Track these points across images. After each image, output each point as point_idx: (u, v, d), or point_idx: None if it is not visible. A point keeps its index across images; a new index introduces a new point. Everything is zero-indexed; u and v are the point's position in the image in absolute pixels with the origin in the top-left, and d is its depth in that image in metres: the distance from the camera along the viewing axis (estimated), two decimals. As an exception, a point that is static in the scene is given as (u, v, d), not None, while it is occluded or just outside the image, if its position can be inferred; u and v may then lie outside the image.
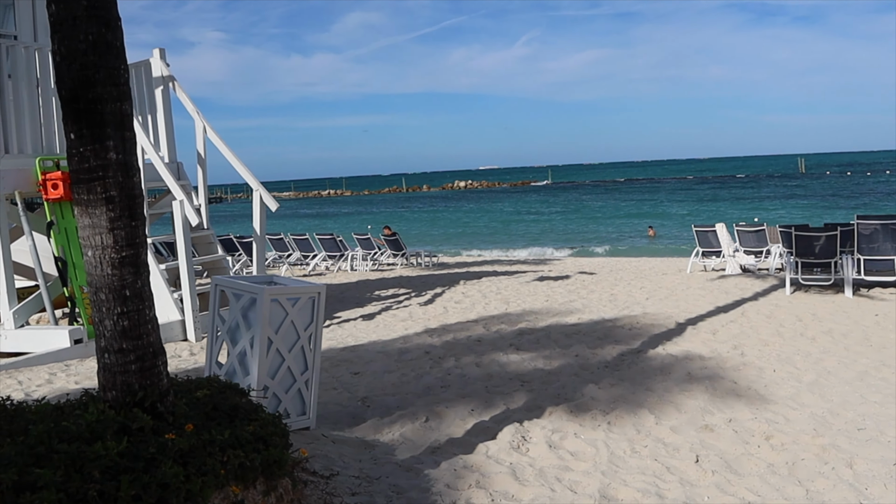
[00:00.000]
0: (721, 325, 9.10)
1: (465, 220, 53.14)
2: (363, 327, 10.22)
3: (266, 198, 9.93)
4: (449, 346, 8.54)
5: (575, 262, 20.99)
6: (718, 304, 10.58)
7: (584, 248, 29.97)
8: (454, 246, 34.19)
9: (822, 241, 11.23)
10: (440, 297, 12.73)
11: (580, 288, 13.15)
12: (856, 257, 11.09)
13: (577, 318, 10.02)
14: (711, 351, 7.84)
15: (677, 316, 9.80)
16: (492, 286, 13.85)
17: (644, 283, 13.67)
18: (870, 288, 11.32)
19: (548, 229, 41.11)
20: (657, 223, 40.02)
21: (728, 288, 12.32)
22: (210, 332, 5.48)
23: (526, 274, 16.23)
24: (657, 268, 17.47)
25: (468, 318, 10.37)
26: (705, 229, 15.66)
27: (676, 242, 30.62)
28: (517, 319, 10.04)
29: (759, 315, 9.71)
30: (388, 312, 11.32)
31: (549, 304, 11.41)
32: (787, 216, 40.01)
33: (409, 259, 21.63)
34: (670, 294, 11.91)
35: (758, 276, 13.93)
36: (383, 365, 7.69)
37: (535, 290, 13.11)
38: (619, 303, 11.24)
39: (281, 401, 5.26)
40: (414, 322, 10.39)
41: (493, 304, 11.64)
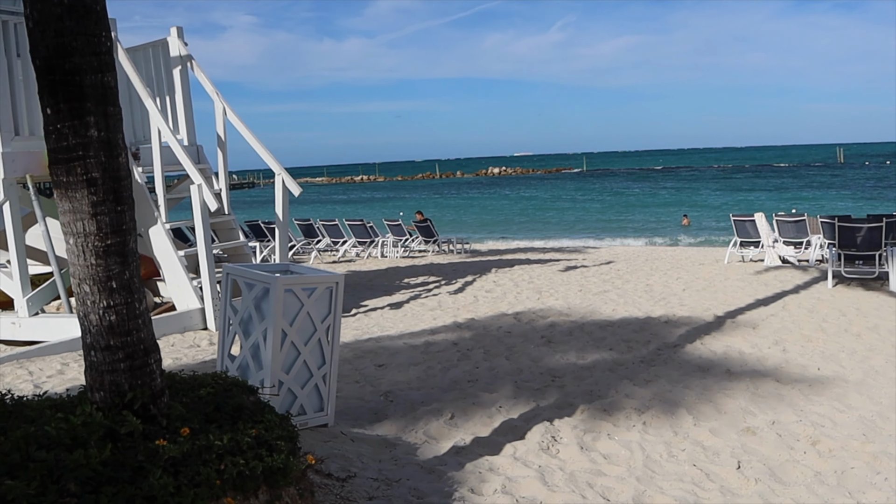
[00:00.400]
0: (761, 319, 8.62)
1: (498, 207, 52.63)
2: (390, 316, 9.91)
3: (289, 182, 9.62)
4: (478, 337, 8.19)
5: (609, 251, 20.48)
6: (758, 297, 10.09)
7: (618, 237, 29.38)
8: (487, 233, 33.77)
9: (867, 232, 10.66)
10: (470, 285, 12.38)
11: (615, 278, 12.71)
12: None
13: (611, 309, 9.60)
14: (752, 346, 7.39)
15: (715, 308, 9.33)
16: (524, 275, 13.45)
17: (680, 273, 13.17)
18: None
19: (581, 217, 40.49)
20: (692, 212, 39.17)
21: (768, 280, 11.79)
22: (222, 324, 5.19)
23: (559, 262, 15.79)
24: (693, 258, 16.92)
25: (499, 309, 10.00)
26: (744, 219, 15.08)
27: (711, 232, 29.90)
28: (549, 310, 9.66)
29: (801, 309, 9.21)
30: (417, 301, 11.00)
31: (583, 294, 11.00)
32: (826, 206, 38.87)
33: (440, 246, 21.30)
34: (708, 285, 11.42)
35: (798, 267, 13.35)
36: (409, 357, 7.37)
37: (568, 279, 12.70)
38: (655, 294, 10.78)
39: (297, 397, 4.95)
40: (443, 311, 10.05)
41: (525, 293, 11.25)
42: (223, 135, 9.78)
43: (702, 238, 27.15)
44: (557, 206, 49.11)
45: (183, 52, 9.90)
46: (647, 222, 35.43)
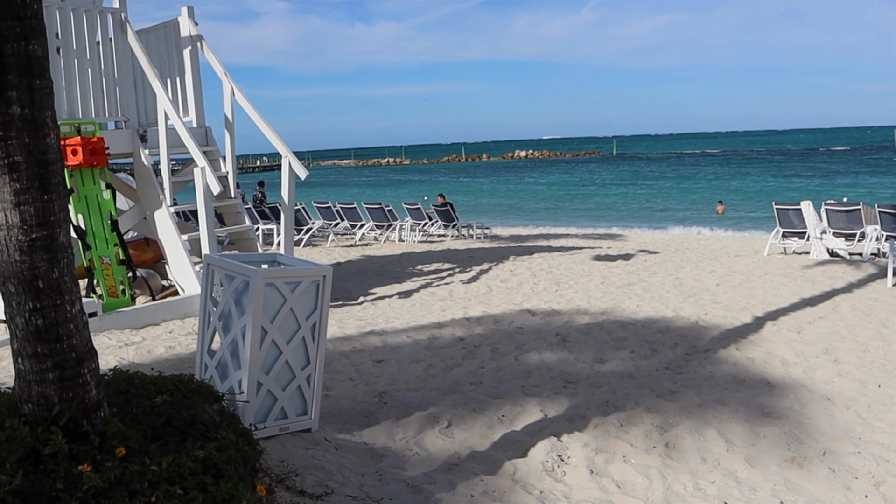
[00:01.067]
0: (808, 322, 8.12)
1: (523, 191, 52.07)
2: (398, 306, 9.56)
3: (296, 165, 9.32)
4: (487, 333, 7.81)
5: (637, 239, 19.97)
6: (804, 296, 9.57)
7: (647, 224, 28.78)
8: (510, 218, 33.32)
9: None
10: (486, 274, 11.99)
11: (641, 269, 12.24)
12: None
13: (635, 305, 9.16)
14: (797, 355, 6.90)
15: (753, 308, 8.85)
16: (543, 264, 13.03)
17: (714, 265, 12.67)
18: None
19: (609, 203, 39.85)
20: (729, 199, 38.36)
21: (814, 276, 11.25)
22: (201, 319, 4.85)
23: (582, 251, 15.34)
24: (729, 248, 16.37)
25: (513, 301, 9.60)
26: (788, 207, 14.50)
27: (749, 221, 29.21)
28: (567, 304, 9.24)
29: (856, 311, 8.67)
30: (428, 290, 10.63)
31: (605, 287, 10.56)
32: (882, 195, 37.82)
33: (459, 231, 20.94)
34: (745, 280, 10.92)
35: (850, 262, 12.77)
36: (411, 353, 7.01)
37: (590, 269, 12.26)
38: (685, 289, 10.31)
39: (277, 399, 4.60)
40: (453, 302, 9.68)
41: (543, 284, 10.84)
42: (231, 116, 9.65)
43: (739, 227, 26.49)
44: (584, 192, 48.46)
45: (193, 33, 9.70)
46: (679, 209, 34.73)
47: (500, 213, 35.47)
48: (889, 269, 10.35)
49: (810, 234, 13.96)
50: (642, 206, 36.68)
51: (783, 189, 43.77)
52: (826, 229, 14.07)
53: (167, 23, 9.99)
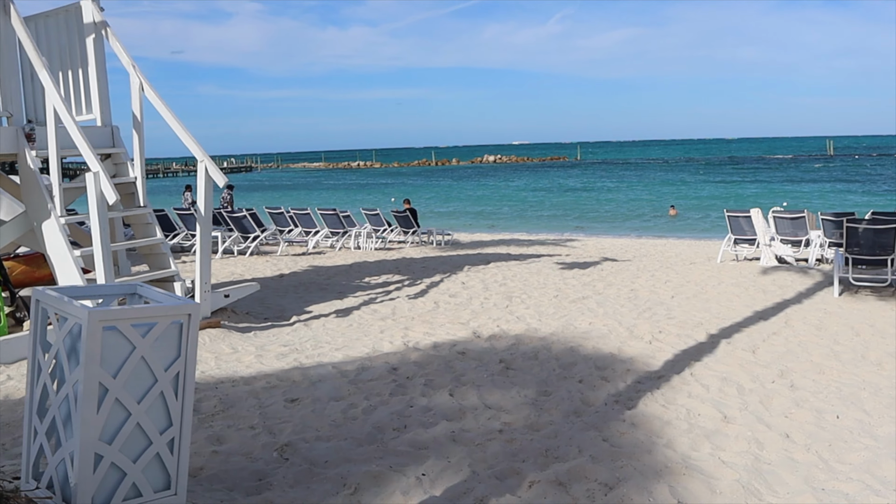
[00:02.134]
0: (762, 340, 7.15)
1: (490, 195, 51.09)
2: (332, 327, 8.42)
3: (213, 171, 8.04)
4: (424, 360, 6.72)
5: (596, 244, 19.03)
6: (756, 308, 8.62)
7: (606, 229, 27.89)
8: (474, 222, 32.28)
9: (878, 234, 9.19)
10: (436, 287, 10.89)
11: (597, 280, 11.22)
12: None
13: (588, 322, 8.12)
14: (752, 379, 5.92)
15: (708, 323, 7.86)
16: (497, 275, 11.97)
17: (670, 275, 11.69)
18: (939, 291, 9.30)
19: (571, 207, 38.97)
20: (682, 203, 37.71)
21: (766, 285, 10.32)
22: (29, 369, 3.69)
23: (540, 259, 14.31)
24: (684, 255, 15.46)
25: (459, 320, 8.52)
26: (738, 215, 13.63)
27: (700, 224, 28.53)
28: (516, 323, 8.18)
29: (807, 325, 7.74)
30: (370, 307, 9.51)
31: (559, 301, 9.52)
32: (819, 201, 37.41)
33: (419, 238, 19.85)
34: (700, 291, 9.95)
35: (797, 269, 11.90)
36: (332, 388, 5.88)
37: (545, 281, 11.21)
38: (640, 301, 9.31)
39: (126, 474, 3.47)
40: (395, 322, 8.57)
41: (494, 299, 9.77)
42: (140, 115, 8.19)
43: (691, 232, 25.72)
44: (548, 196, 47.61)
45: (97, 19, 8.28)
46: (636, 214, 33.93)
47: (465, 218, 34.44)
48: (834, 279, 9.46)
49: (759, 241, 13.10)
50: (603, 211, 35.85)
51: (731, 194, 43.31)
52: (774, 236, 13.23)
53: (68, 7, 8.47)
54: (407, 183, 70.98)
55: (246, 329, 8.31)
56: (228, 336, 7.84)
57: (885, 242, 9.04)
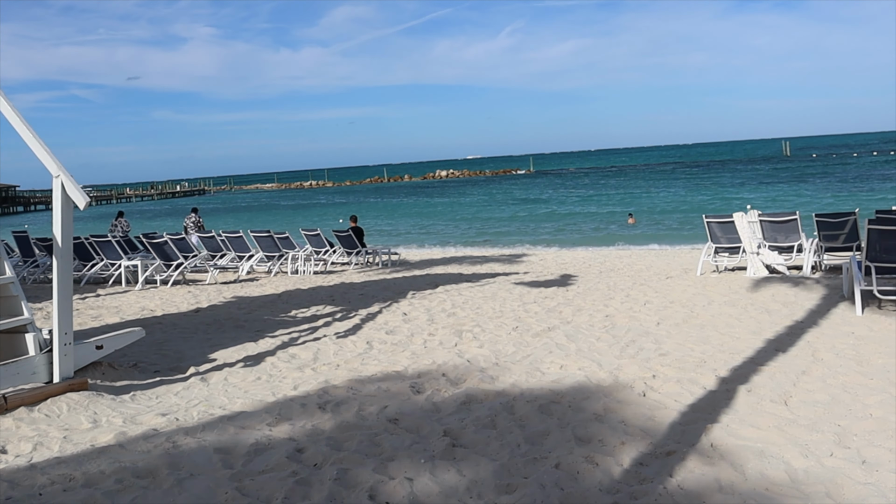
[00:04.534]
0: (791, 383, 5.47)
1: (441, 210, 49.44)
2: (236, 382, 6.55)
3: (71, 189, 6.18)
4: (341, 431, 4.89)
5: (556, 259, 17.41)
6: (766, 335, 6.98)
7: (565, 241, 26.36)
8: (425, 238, 30.53)
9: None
10: (372, 321, 9.08)
11: (563, 304, 9.52)
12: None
13: (558, 365, 6.38)
14: (802, 451, 4.19)
15: (712, 360, 6.18)
16: (446, 301, 10.20)
17: (647, 293, 10.06)
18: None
19: (526, 219, 37.48)
20: (641, 212, 36.54)
21: (766, 302, 8.74)
22: None
23: (495, 280, 12.59)
24: (655, 266, 13.90)
25: (395, 365, 6.71)
26: (719, 220, 12.10)
27: (659, 230, 27.28)
28: (467, 369, 6.40)
29: (842, 358, 6.09)
30: (288, 351, 7.64)
31: (520, 335, 7.77)
32: (785, 202, 36.57)
33: (364, 259, 18.02)
34: (689, 314, 8.30)
35: (793, 280, 10.37)
36: (204, 490, 4.02)
37: (501, 307, 9.47)
38: (619, 331, 7.61)
39: None
40: (315, 372, 6.73)
41: (440, 335, 7.99)
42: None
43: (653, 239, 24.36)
44: (501, 209, 46.11)
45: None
46: (595, 224, 32.53)
47: (415, 235, 32.68)
48: (856, 292, 7.86)
49: (746, 249, 11.58)
50: (559, 223, 34.36)
51: (691, 201, 42.34)
52: (762, 243, 11.73)
53: None
54: (358, 201, 69.10)
55: (124, 389, 6.39)
56: (94, 402, 5.91)
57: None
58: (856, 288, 7.74)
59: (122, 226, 22.18)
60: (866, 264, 7.70)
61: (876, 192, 38.48)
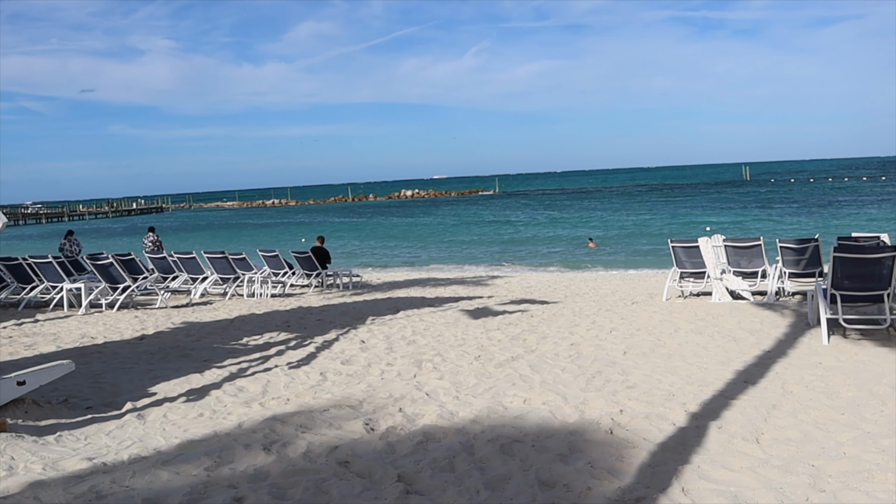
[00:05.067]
0: (762, 419, 5.23)
1: (406, 231, 49.13)
2: (176, 419, 6.12)
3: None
4: (286, 477, 4.51)
5: (521, 282, 17.18)
6: (734, 366, 6.76)
7: (529, 262, 26.21)
8: (388, 260, 30.17)
9: (874, 265, 7.51)
10: (328, 349, 8.70)
11: (527, 331, 9.24)
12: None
13: (521, 398, 6.07)
14: (777, 495, 3.96)
15: (681, 393, 5.93)
16: (407, 328, 9.86)
17: (613, 319, 9.84)
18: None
19: (491, 241, 37.33)
20: (607, 233, 36.68)
21: (732, 330, 8.56)
22: None
23: (458, 304, 12.29)
24: (621, 291, 13.73)
25: (349, 400, 6.33)
26: (684, 245, 11.96)
27: (622, 253, 27.30)
28: (424, 404, 6.06)
29: (811, 391, 5.88)
30: (236, 383, 7.23)
31: (482, 366, 7.46)
32: (746, 225, 36.97)
33: (324, 281, 17.60)
34: (656, 343, 8.07)
35: (758, 306, 10.24)
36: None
37: (463, 334, 9.16)
38: (585, 361, 7.34)
39: None
40: (262, 407, 6.33)
41: (399, 365, 7.64)
42: None
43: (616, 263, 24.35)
44: (466, 231, 45.94)
45: None
46: (560, 246, 32.46)
47: (380, 256, 32.29)
48: (822, 322, 7.67)
49: (710, 275, 11.44)
50: (524, 245, 34.23)
51: (653, 224, 42.62)
52: (726, 268, 11.61)
53: None
54: (321, 220, 68.44)
55: (49, 429, 5.91)
56: (12, 446, 5.43)
57: (881, 274, 7.36)
58: (821, 316, 7.57)
59: (72, 245, 21.48)
60: (831, 292, 7.55)
61: (833, 217, 39.19)
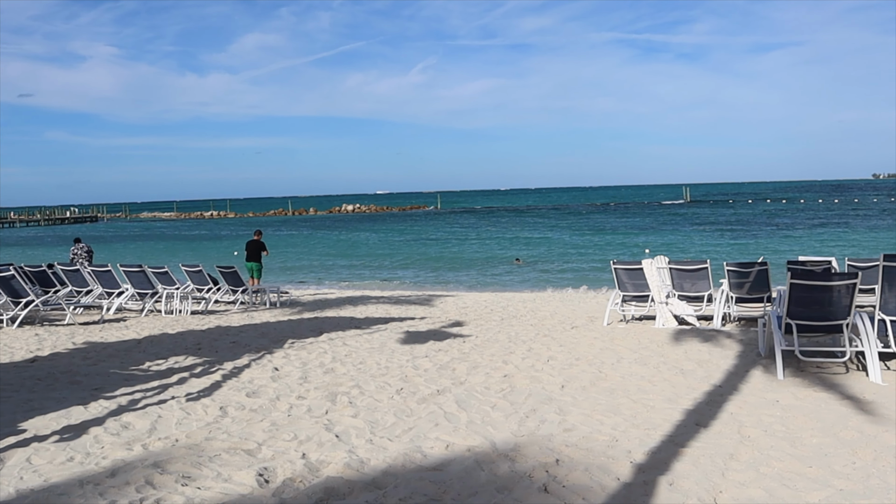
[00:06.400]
0: (719, 473, 4.55)
1: (344, 246, 48.09)
2: (40, 464, 5.15)
3: None
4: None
5: (456, 302, 16.45)
6: (684, 405, 6.12)
7: (466, 281, 25.57)
8: (322, 275, 29.16)
9: (833, 293, 6.98)
10: (236, 377, 7.79)
11: (457, 358, 8.49)
12: (879, 317, 6.93)
13: (444, 442, 5.29)
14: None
15: (625, 439, 5.24)
16: (328, 353, 9.02)
17: (551, 346, 9.17)
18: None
19: (429, 258, 36.60)
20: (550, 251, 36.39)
21: (679, 360, 7.97)
22: None
23: (388, 326, 11.50)
24: (560, 314, 13.12)
25: (245, 445, 5.45)
26: (627, 267, 11.40)
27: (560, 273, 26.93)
28: (333, 449, 5.23)
29: (771, 436, 5.23)
30: (121, 419, 6.28)
31: (403, 399, 6.67)
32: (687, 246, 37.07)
33: (250, 298, 16.62)
34: (597, 375, 7.40)
35: (705, 333, 9.71)
36: None
37: (388, 363, 8.36)
38: (518, 396, 6.61)
39: None
40: (145, 450, 5.41)
41: (311, 399, 6.79)
42: None
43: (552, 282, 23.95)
44: (405, 247, 45.14)
45: None
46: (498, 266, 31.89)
47: (313, 272, 31.24)
48: (777, 356, 7.08)
49: (655, 298, 10.90)
50: (463, 264, 33.57)
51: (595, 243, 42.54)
52: (671, 292, 11.10)
53: None
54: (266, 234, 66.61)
55: None
56: None
57: (840, 303, 6.83)
58: (776, 348, 6.99)
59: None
60: (787, 321, 6.98)
61: (773, 238, 39.62)
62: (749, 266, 10.47)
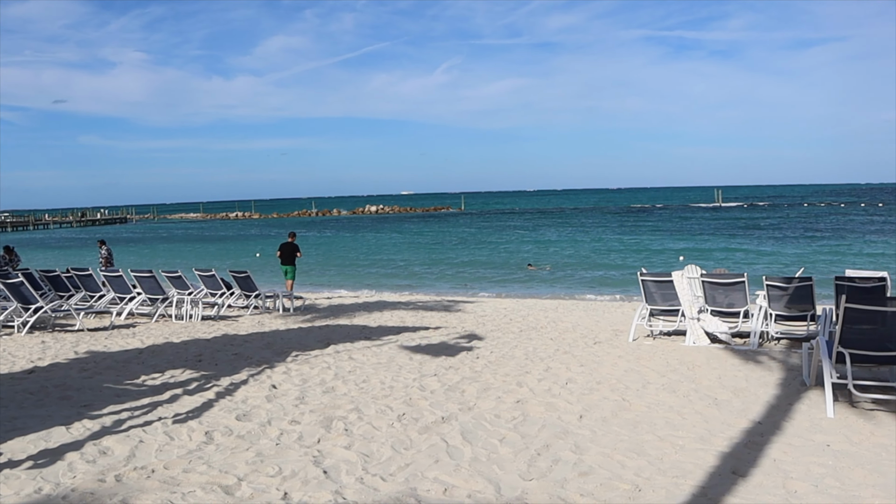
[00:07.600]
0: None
1: (365, 248, 47.72)
2: (6, 495, 4.71)
3: None
4: None
5: (475, 309, 15.89)
6: (718, 445, 5.48)
7: (488, 287, 24.98)
8: (341, 280, 28.74)
9: (890, 318, 6.25)
10: (229, 396, 7.30)
11: (468, 378, 7.92)
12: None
13: (442, 490, 4.71)
14: None
15: (650, 488, 4.62)
16: (330, 369, 8.51)
17: (571, 365, 8.57)
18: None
19: (450, 261, 36.03)
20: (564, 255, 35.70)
21: (711, 387, 7.33)
22: None
23: (399, 337, 10.97)
24: (582, 325, 12.51)
25: (224, 479, 4.93)
26: (656, 279, 10.76)
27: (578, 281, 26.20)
28: (317, 489, 4.68)
29: (825, 495, 4.54)
30: (101, 444, 5.80)
31: (404, 427, 6.11)
32: (719, 255, 36.01)
33: (264, 303, 16.22)
34: (620, 403, 6.79)
35: (742, 354, 9.05)
36: None
37: (392, 381, 7.81)
38: (532, 430, 6.01)
39: None
40: (118, 483, 4.90)
41: (304, 423, 6.26)
42: None
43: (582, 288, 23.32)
44: (426, 250, 44.61)
45: None
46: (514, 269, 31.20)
47: (332, 276, 30.84)
48: (827, 391, 6.34)
49: (686, 314, 10.24)
50: (486, 268, 32.95)
51: (624, 247, 41.66)
52: (703, 307, 10.43)
53: None
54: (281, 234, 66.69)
55: None
56: None
57: (894, 331, 6.12)
58: (826, 381, 6.27)
59: (11, 261, 19.70)
60: (839, 350, 6.26)
61: (812, 246, 38.29)
62: (790, 281, 9.78)
